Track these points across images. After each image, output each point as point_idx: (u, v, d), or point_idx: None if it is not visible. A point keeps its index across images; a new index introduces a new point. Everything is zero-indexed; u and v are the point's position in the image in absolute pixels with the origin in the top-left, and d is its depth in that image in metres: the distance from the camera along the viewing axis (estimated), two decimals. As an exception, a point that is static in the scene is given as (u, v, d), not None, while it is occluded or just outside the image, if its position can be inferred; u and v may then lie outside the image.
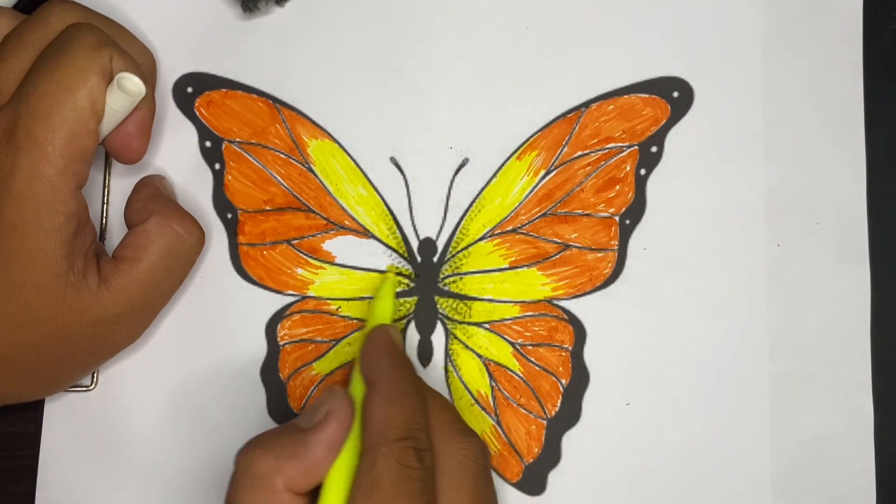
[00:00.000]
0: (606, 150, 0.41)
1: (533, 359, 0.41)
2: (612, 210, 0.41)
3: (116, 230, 0.41)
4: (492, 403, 0.41)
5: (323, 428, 0.32)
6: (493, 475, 0.40)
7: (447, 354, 0.41)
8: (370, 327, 0.37)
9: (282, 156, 0.41)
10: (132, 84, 0.35)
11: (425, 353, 0.41)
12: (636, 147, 0.41)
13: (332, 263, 0.41)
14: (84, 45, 0.34)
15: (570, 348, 0.41)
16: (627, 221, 0.41)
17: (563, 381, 0.40)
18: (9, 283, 0.34)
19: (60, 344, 0.35)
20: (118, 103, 0.35)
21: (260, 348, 0.41)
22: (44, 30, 0.35)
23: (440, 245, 0.41)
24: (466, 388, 0.41)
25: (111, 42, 0.35)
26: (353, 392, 0.34)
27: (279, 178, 0.41)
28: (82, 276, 0.35)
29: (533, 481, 0.40)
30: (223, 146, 0.41)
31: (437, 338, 0.41)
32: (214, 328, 0.41)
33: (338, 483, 0.31)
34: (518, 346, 0.41)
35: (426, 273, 0.41)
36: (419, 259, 0.41)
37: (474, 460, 0.33)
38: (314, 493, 0.32)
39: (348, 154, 0.41)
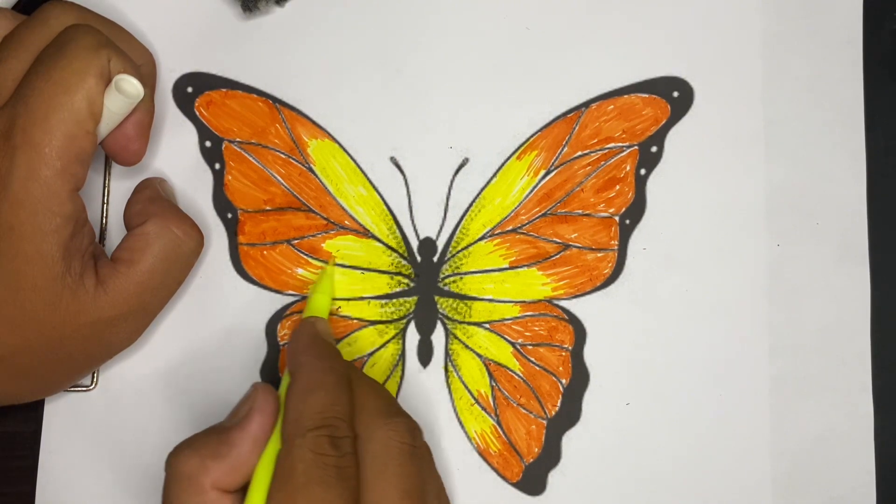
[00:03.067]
0: (606, 150, 0.41)
1: (533, 359, 0.41)
2: (612, 210, 0.41)
3: (116, 232, 0.41)
4: (492, 403, 0.41)
5: (245, 425, 0.32)
6: (493, 474, 0.40)
7: (447, 354, 0.41)
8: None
9: (282, 156, 0.41)
10: (130, 86, 0.35)
11: (425, 353, 0.41)
12: (636, 147, 0.41)
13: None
14: (82, 47, 0.34)
15: (570, 348, 0.41)
16: (627, 221, 0.41)
17: (563, 381, 0.40)
18: (5, 285, 0.34)
19: (58, 346, 0.35)
20: (116, 105, 0.35)
21: (260, 348, 0.41)
22: (42, 31, 0.35)
23: (440, 245, 0.41)
24: (466, 388, 0.41)
25: (109, 43, 0.35)
26: (283, 386, 0.34)
27: (279, 178, 0.41)
28: (79, 278, 0.35)
29: (533, 481, 0.40)
30: (223, 146, 0.41)
31: (437, 338, 0.41)
32: (214, 328, 0.41)
33: (264, 477, 0.31)
34: (518, 346, 0.41)
35: (426, 273, 0.41)
36: (419, 259, 0.41)
37: (400, 440, 0.32)
38: (247, 488, 0.32)
39: (348, 154, 0.41)
